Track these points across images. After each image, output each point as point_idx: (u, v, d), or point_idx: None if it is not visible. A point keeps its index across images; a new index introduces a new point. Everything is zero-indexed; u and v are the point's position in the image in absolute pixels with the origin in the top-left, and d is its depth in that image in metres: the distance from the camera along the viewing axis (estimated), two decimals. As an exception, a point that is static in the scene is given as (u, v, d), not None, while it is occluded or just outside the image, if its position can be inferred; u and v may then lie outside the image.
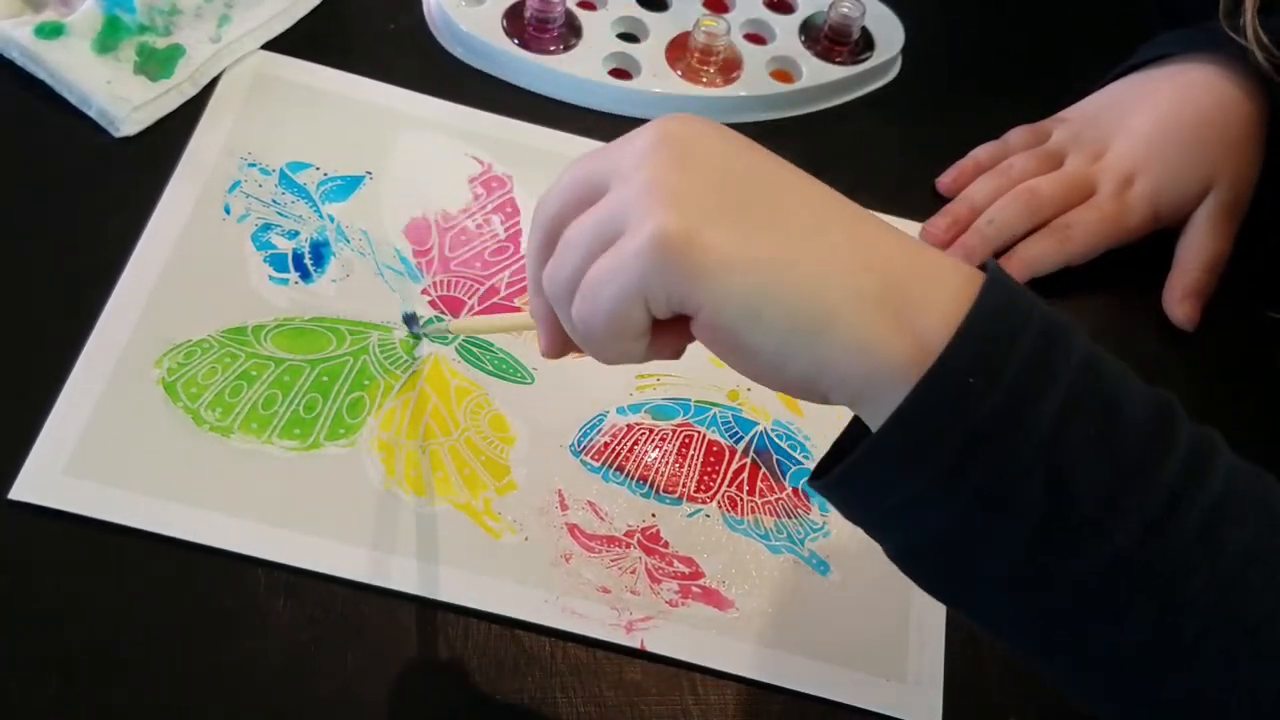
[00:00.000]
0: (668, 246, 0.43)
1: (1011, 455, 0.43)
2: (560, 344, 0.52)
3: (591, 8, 0.85)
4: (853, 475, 0.46)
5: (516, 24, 0.83)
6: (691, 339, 0.48)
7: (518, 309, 0.72)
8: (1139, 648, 0.45)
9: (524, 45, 0.82)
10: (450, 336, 0.70)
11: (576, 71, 0.82)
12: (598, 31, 0.84)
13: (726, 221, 0.44)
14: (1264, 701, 0.44)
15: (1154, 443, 0.44)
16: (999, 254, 0.78)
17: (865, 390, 0.45)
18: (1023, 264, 0.77)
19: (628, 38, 0.85)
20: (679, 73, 0.83)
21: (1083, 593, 0.44)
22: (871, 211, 0.47)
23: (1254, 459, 0.48)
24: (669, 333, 0.47)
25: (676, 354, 0.49)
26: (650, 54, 0.84)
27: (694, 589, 0.65)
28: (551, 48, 0.83)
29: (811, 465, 0.63)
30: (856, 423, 0.49)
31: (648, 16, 0.86)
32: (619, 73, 0.84)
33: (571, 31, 0.84)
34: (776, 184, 0.47)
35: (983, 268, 0.46)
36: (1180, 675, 0.45)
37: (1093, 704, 0.49)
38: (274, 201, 0.73)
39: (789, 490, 0.69)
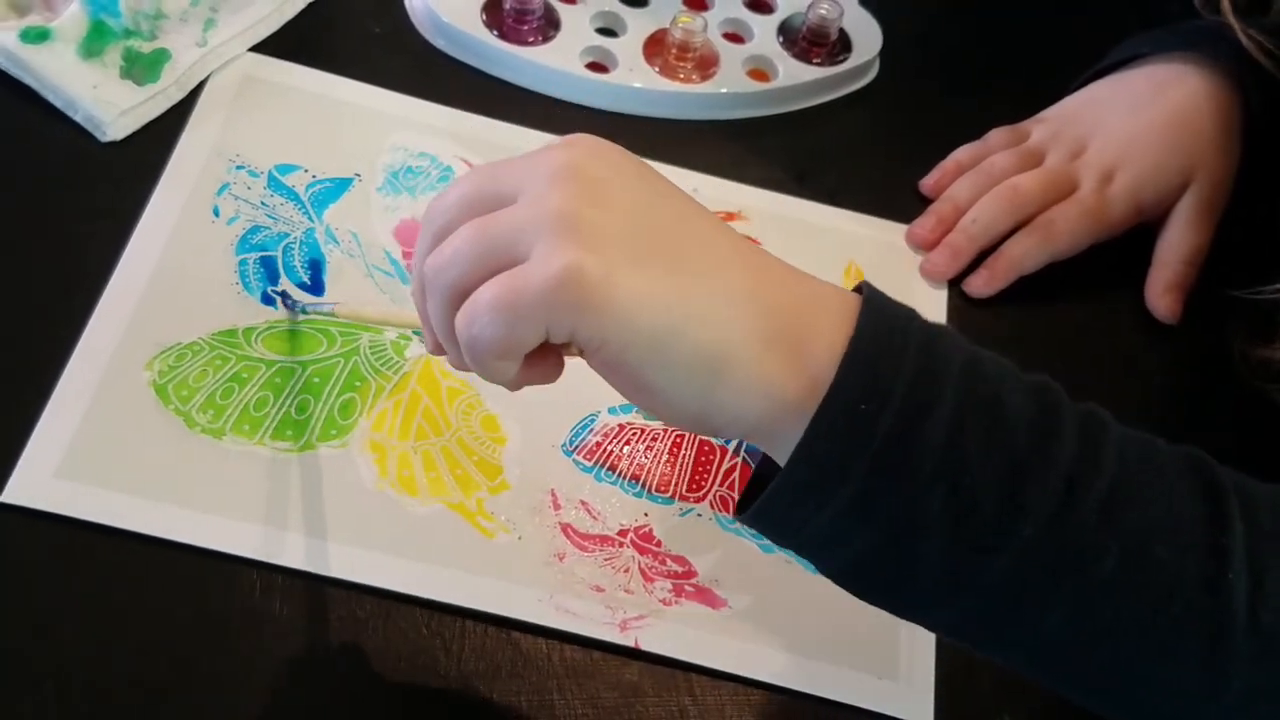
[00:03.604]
0: (582, 284, 0.43)
1: (913, 472, 0.44)
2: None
3: (571, 1, 0.86)
4: (767, 513, 0.47)
5: (495, 15, 0.83)
6: (562, 367, 0.48)
7: None
8: (1060, 632, 0.46)
9: (503, 36, 0.83)
10: (336, 317, 0.69)
11: (554, 64, 0.82)
12: (576, 25, 0.85)
13: (637, 263, 0.44)
14: (1185, 667, 0.46)
15: (1043, 434, 0.45)
16: (985, 253, 0.79)
17: (763, 428, 0.46)
18: (1010, 262, 0.78)
19: (606, 32, 0.86)
20: (656, 68, 0.84)
21: (1001, 590, 0.45)
22: (757, 245, 0.49)
23: (1235, 451, 0.49)
24: (543, 359, 0.47)
25: (549, 379, 0.49)
26: (628, 49, 0.84)
27: (687, 588, 0.65)
28: (530, 39, 0.83)
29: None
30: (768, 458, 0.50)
31: (626, 12, 0.86)
32: (596, 66, 0.84)
33: (550, 24, 0.84)
34: (679, 223, 0.47)
35: (858, 289, 0.47)
36: (1102, 650, 0.46)
37: (1036, 679, 0.50)
38: (263, 203, 0.73)
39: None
